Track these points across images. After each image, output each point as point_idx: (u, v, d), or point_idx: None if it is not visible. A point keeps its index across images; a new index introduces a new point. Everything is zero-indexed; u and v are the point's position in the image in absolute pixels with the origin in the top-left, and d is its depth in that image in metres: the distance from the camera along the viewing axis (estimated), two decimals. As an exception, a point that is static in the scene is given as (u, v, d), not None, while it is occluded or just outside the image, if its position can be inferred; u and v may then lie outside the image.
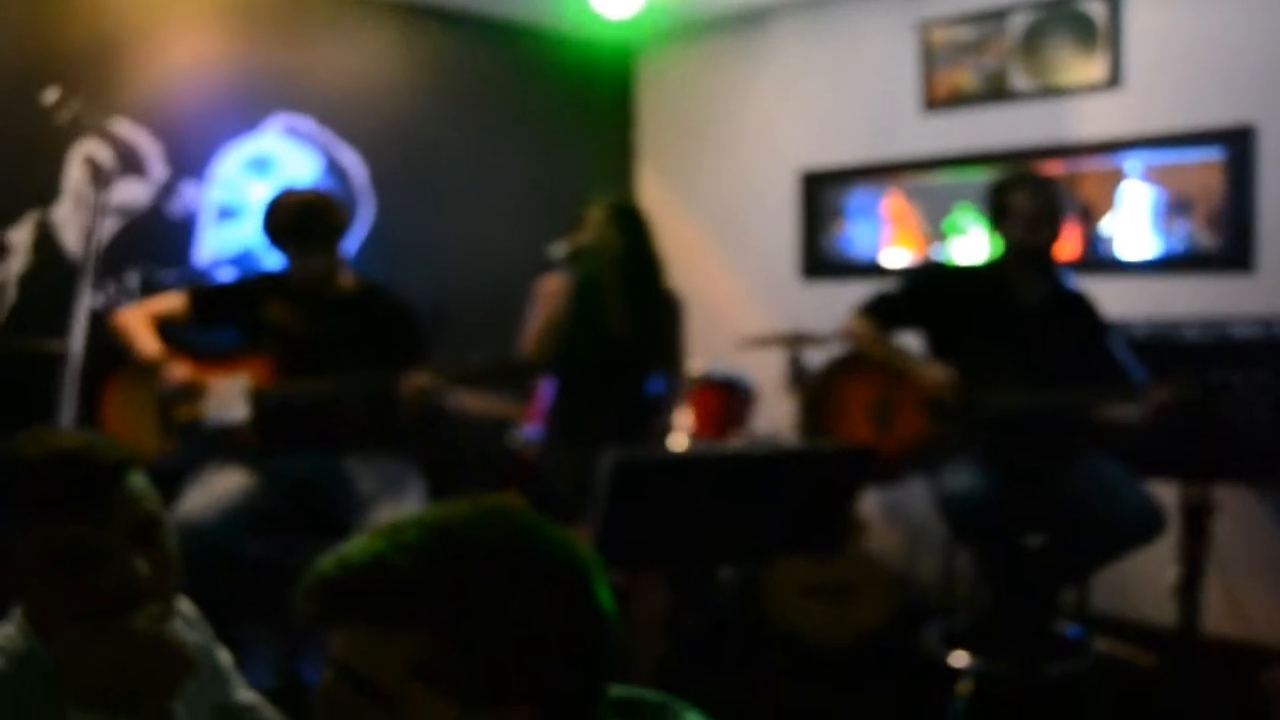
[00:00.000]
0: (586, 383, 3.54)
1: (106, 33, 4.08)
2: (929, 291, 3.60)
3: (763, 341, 4.35)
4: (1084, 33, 4.26)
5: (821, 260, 5.09)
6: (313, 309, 3.25)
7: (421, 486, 3.19)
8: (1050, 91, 4.37)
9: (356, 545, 0.98)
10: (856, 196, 4.99)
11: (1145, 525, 3.17)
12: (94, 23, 4.05)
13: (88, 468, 1.37)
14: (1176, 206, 4.16)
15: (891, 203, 4.88)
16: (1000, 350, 3.32)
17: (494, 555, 0.96)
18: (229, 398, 3.12)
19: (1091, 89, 4.27)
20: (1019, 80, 4.44)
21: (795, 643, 3.85)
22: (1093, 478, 3.27)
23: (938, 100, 4.65)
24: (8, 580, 1.40)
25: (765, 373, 4.52)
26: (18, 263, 3.93)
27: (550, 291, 3.45)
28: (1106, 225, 4.31)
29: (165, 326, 3.25)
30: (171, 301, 3.30)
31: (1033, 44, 4.39)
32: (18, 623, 1.43)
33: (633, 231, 3.49)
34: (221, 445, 3.12)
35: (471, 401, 4.11)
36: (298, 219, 3.15)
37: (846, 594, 3.86)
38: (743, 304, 5.30)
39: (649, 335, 3.53)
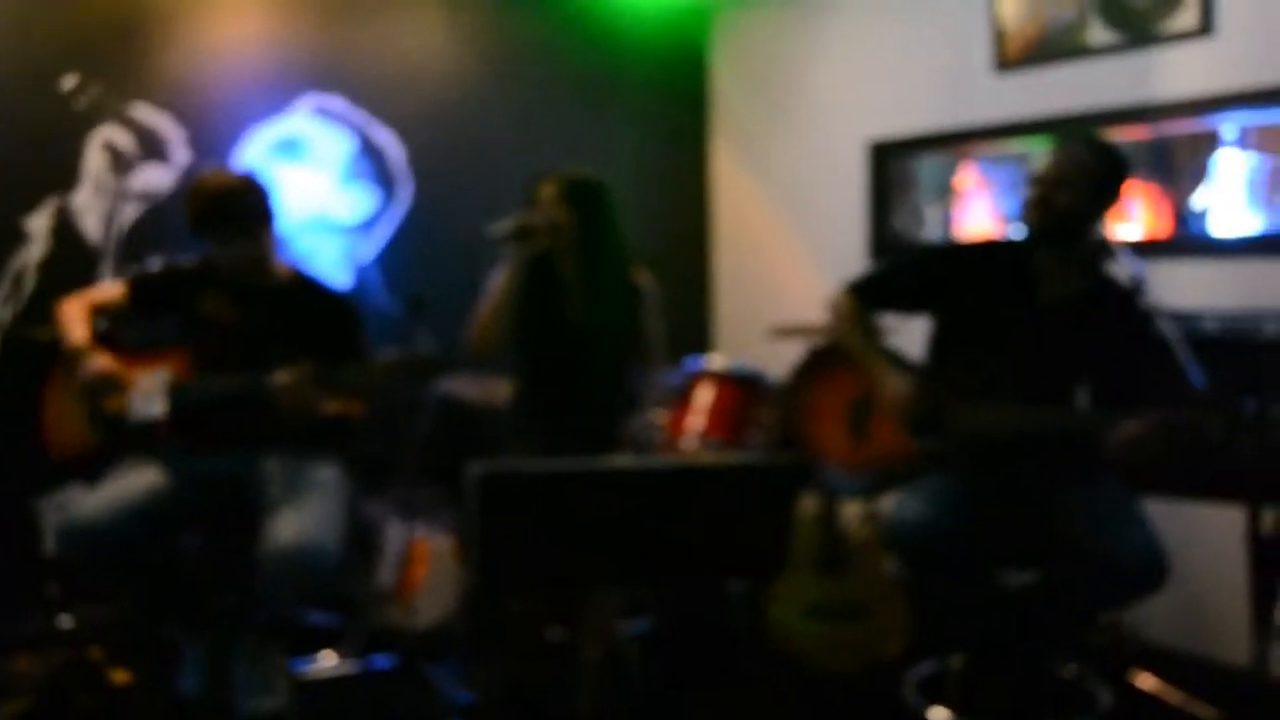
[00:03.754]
0: (546, 377, 3.26)
1: (126, 16, 4.02)
2: (932, 273, 3.04)
3: (786, 332, 3.94)
4: (1165, -27, 3.64)
5: (891, 240, 4.60)
6: (243, 300, 3.09)
7: (338, 489, 2.97)
8: (1132, 44, 3.75)
9: None
10: (928, 169, 4.47)
11: (1141, 574, 2.55)
12: (112, 6, 4.01)
13: None
14: None
15: (964, 175, 4.34)
16: (1001, 355, 2.79)
17: None
18: (151, 392, 3.00)
19: (1179, 39, 3.64)
20: (1097, 33, 3.83)
21: (797, 667, 3.46)
22: (1090, 509, 2.68)
23: (1010, 59, 4.08)
24: None
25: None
26: (37, 250, 3.96)
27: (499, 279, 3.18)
28: (1199, 199, 3.68)
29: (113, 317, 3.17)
30: (111, 291, 3.21)
31: (1109, -12, 3.77)
32: None
33: (589, 211, 3.17)
34: (143, 441, 3.01)
35: (463, 388, 3.88)
36: (217, 204, 3.01)
37: (855, 617, 3.44)
38: (811, 289, 4.86)
39: (615, 326, 3.22)
